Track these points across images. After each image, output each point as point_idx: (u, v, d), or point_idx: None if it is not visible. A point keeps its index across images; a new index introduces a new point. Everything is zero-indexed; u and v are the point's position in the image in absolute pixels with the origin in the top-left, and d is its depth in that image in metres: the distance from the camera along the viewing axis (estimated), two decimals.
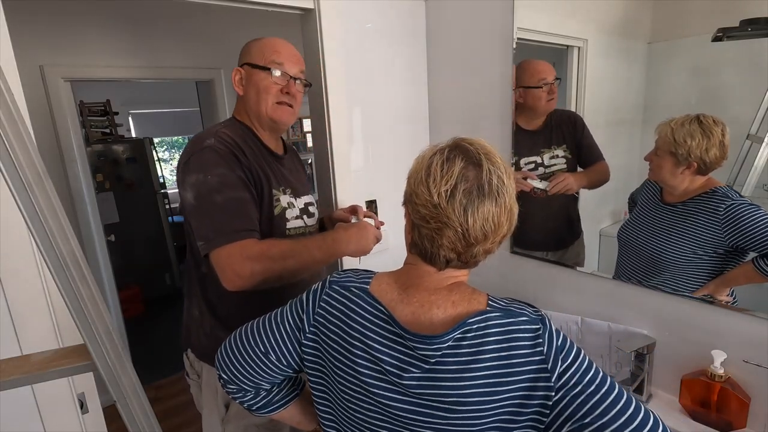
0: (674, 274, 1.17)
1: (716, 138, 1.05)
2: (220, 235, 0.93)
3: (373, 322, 0.65)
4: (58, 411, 1.07)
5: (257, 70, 1.08)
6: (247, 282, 0.93)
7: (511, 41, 1.44)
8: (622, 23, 1.29)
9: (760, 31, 0.99)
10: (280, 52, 1.09)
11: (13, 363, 0.54)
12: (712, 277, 1.12)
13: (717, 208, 1.09)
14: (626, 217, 1.32)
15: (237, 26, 2.94)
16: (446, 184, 0.59)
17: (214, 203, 0.95)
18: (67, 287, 0.49)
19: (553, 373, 0.58)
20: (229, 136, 1.03)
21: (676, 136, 1.09)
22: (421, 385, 0.61)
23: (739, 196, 1.07)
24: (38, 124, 2.24)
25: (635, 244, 1.26)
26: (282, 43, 1.12)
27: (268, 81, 1.08)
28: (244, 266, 0.92)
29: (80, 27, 2.40)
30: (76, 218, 2.49)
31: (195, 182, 0.96)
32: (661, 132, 1.13)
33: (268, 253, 0.94)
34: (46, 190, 0.47)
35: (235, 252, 0.92)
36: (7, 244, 0.95)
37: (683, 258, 1.15)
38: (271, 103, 1.09)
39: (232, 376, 0.76)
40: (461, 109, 1.68)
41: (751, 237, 1.04)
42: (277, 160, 1.15)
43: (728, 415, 1.04)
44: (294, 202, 1.15)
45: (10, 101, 0.44)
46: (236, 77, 1.11)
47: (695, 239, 1.13)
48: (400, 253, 0.72)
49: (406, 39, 1.67)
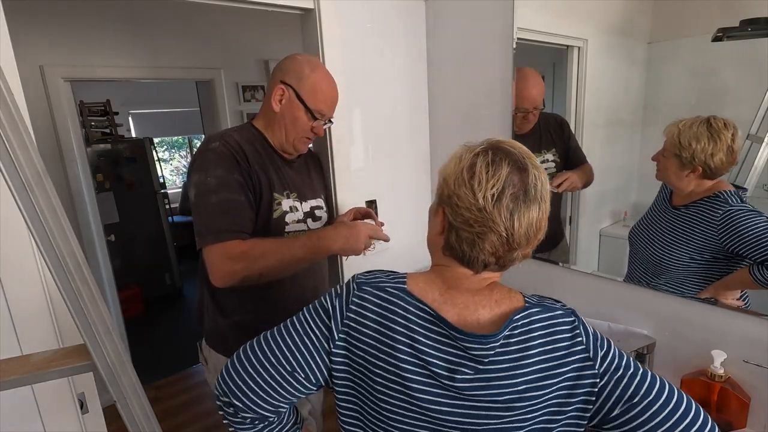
0: (674, 277, 1.16)
1: (724, 143, 1.02)
2: (209, 233, 1.00)
3: (419, 324, 0.62)
4: (58, 411, 1.07)
5: (302, 107, 1.12)
6: (227, 280, 1.00)
7: (511, 41, 1.44)
8: (622, 23, 1.29)
9: (760, 31, 0.99)
10: (326, 101, 1.15)
11: (13, 363, 0.54)
12: (711, 281, 1.11)
13: (715, 213, 1.07)
14: (627, 217, 1.32)
15: (237, 26, 2.94)
16: (493, 187, 0.57)
17: (208, 203, 1.01)
18: (67, 287, 0.49)
19: (595, 361, 0.61)
20: (235, 140, 1.08)
21: (682, 139, 1.06)
22: (474, 387, 0.60)
23: (740, 201, 1.05)
24: (38, 124, 2.24)
25: (639, 245, 1.25)
26: (333, 89, 1.18)
27: (306, 122, 1.14)
28: (224, 265, 0.99)
29: (80, 27, 2.40)
30: (76, 218, 2.49)
31: (196, 181, 1.03)
32: (668, 133, 1.10)
33: (249, 253, 1.00)
34: (46, 190, 0.47)
35: (218, 252, 1.00)
36: (7, 244, 0.95)
37: (681, 262, 1.14)
38: (300, 137, 1.15)
39: (250, 403, 0.66)
40: (461, 109, 1.68)
41: (746, 243, 1.02)
42: (286, 164, 1.19)
43: (728, 415, 1.04)
44: (298, 205, 1.18)
45: (10, 101, 0.44)
46: (277, 93, 1.12)
47: (694, 244, 1.12)
48: (399, 253, 0.72)
49: (406, 39, 1.67)
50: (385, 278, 0.67)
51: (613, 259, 1.34)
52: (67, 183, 2.44)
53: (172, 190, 6.12)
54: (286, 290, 1.17)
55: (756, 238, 1.01)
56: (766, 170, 1.04)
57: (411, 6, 1.66)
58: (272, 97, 1.12)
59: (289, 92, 1.12)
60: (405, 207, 1.77)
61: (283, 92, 1.12)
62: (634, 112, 1.30)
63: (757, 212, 1.03)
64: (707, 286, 1.12)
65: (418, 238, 1.88)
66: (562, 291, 1.45)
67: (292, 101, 1.12)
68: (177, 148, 7.09)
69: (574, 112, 1.39)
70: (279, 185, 1.14)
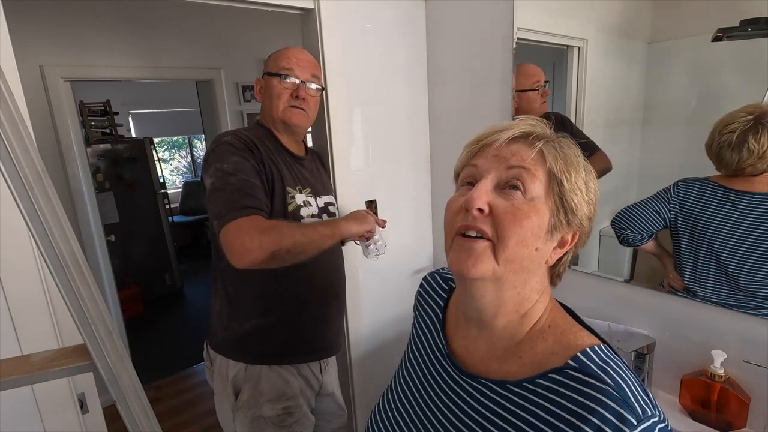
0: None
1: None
2: (231, 210, 0.96)
3: None
4: (58, 411, 1.07)
5: (271, 77, 1.16)
6: (256, 255, 0.92)
7: (511, 41, 1.44)
8: (622, 23, 1.29)
9: (760, 31, 0.98)
10: (290, 59, 1.17)
11: (13, 363, 0.54)
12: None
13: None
14: None
15: (237, 26, 2.94)
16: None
17: (228, 183, 1.00)
18: (67, 287, 0.49)
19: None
20: (245, 135, 1.11)
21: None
22: None
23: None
24: (38, 124, 2.24)
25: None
26: (294, 50, 1.20)
27: (279, 87, 1.16)
28: (253, 238, 0.92)
29: (80, 27, 2.40)
30: (76, 218, 2.49)
31: (212, 171, 1.02)
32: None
33: (277, 226, 0.97)
34: (46, 190, 0.47)
35: (244, 225, 0.94)
36: (7, 244, 0.95)
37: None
38: (282, 107, 1.16)
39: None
40: (461, 108, 1.68)
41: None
42: (296, 161, 1.22)
43: (728, 415, 1.04)
44: (311, 201, 1.20)
45: (10, 101, 0.44)
46: (257, 87, 1.21)
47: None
48: (399, 253, 0.72)
49: (406, 39, 1.67)
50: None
51: (613, 259, 1.34)
52: (67, 183, 2.44)
53: (172, 190, 6.13)
54: (306, 286, 1.18)
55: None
56: None
57: (411, 6, 1.66)
58: (256, 93, 1.22)
59: (264, 79, 1.20)
60: (405, 207, 1.77)
61: (259, 83, 1.21)
62: (634, 111, 1.29)
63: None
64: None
65: (417, 238, 1.89)
66: (562, 291, 1.44)
67: (266, 82, 1.19)
68: (177, 148, 7.09)
69: (574, 112, 1.39)
70: (291, 180, 1.15)
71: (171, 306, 4.07)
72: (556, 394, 0.48)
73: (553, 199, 0.51)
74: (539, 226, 0.50)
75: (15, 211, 0.48)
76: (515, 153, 0.52)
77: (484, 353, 0.57)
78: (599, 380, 0.46)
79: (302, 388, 1.20)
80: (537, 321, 0.55)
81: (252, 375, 1.13)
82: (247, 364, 1.13)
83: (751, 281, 1.04)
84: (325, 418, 1.35)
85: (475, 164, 0.54)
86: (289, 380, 1.16)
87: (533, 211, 0.50)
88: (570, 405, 0.46)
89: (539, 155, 0.52)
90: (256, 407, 1.12)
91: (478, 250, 0.50)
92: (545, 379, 0.49)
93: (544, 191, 0.51)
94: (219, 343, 1.17)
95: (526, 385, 0.50)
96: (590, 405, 0.45)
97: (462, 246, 0.51)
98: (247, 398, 1.13)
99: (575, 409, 0.46)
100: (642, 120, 1.27)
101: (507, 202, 0.50)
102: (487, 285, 0.52)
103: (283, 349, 1.16)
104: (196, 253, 5.44)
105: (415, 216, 1.80)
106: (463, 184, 0.56)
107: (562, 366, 0.49)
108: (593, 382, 0.46)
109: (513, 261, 0.50)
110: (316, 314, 1.22)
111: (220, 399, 1.20)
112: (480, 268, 0.49)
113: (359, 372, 1.70)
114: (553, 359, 0.51)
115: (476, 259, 0.50)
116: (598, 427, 0.44)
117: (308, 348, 1.22)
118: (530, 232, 0.49)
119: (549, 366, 0.50)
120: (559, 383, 0.48)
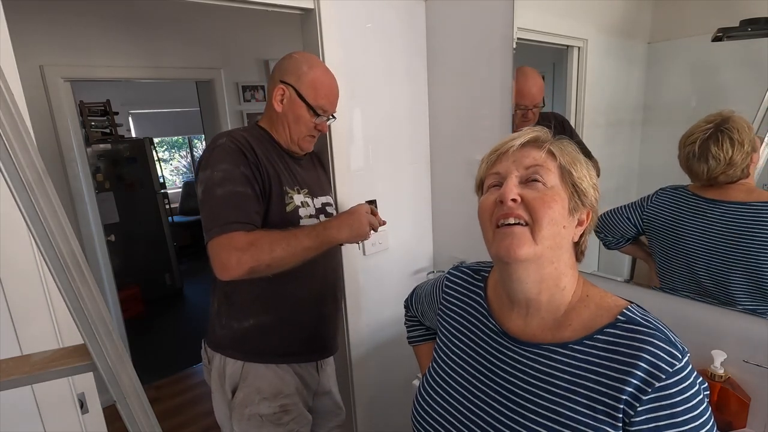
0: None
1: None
2: (214, 225, 0.98)
3: None
4: (58, 411, 1.07)
5: (304, 105, 1.13)
6: (234, 272, 0.97)
7: (511, 41, 1.44)
8: (622, 23, 1.29)
9: (760, 31, 0.98)
10: (329, 97, 1.16)
11: (13, 363, 0.54)
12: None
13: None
14: None
15: (237, 26, 2.95)
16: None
17: (214, 196, 1.00)
18: (67, 287, 0.49)
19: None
20: (242, 136, 1.09)
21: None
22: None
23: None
24: (38, 124, 2.24)
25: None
26: (334, 85, 1.19)
27: (309, 121, 1.15)
28: (230, 256, 0.96)
29: (80, 27, 2.40)
30: (76, 218, 2.49)
31: (203, 178, 1.03)
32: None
33: (256, 243, 0.98)
34: (46, 190, 0.47)
35: (223, 242, 0.97)
36: (7, 244, 0.95)
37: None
38: (304, 136, 1.16)
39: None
40: (461, 108, 1.68)
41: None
42: (294, 162, 1.21)
43: (728, 415, 1.04)
44: (309, 201, 1.19)
45: (10, 101, 0.44)
46: (278, 94, 1.14)
47: None
48: (400, 253, 0.72)
49: (406, 39, 1.67)
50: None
51: (614, 259, 1.34)
52: (67, 183, 2.44)
53: (172, 190, 6.13)
54: (305, 286, 1.18)
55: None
56: (766, 170, 1.04)
57: (411, 6, 1.66)
58: (273, 97, 1.13)
59: (290, 91, 1.13)
60: (405, 207, 1.77)
61: (283, 92, 1.13)
62: (634, 111, 1.29)
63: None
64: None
65: (418, 238, 1.89)
66: None
67: (293, 100, 1.13)
68: (177, 148, 7.10)
69: (574, 112, 1.39)
70: (289, 181, 1.14)
71: (171, 306, 4.07)
72: (614, 344, 0.58)
73: (568, 186, 0.62)
74: (563, 207, 0.61)
75: (15, 211, 0.48)
76: (528, 155, 0.63)
77: (536, 328, 0.65)
78: (648, 327, 0.57)
79: (299, 386, 1.20)
80: (574, 293, 0.65)
81: (249, 373, 1.13)
82: (245, 362, 1.13)
83: (714, 285, 1.06)
84: (322, 417, 1.35)
85: (498, 171, 0.65)
86: (285, 378, 1.17)
87: (557, 196, 0.61)
88: (627, 349, 0.56)
89: (549, 154, 0.63)
90: (253, 405, 1.13)
91: (519, 233, 0.59)
92: (602, 333, 0.60)
93: (560, 181, 0.62)
94: (217, 341, 1.17)
95: (585, 342, 0.60)
96: (644, 346, 0.56)
97: (504, 233, 0.60)
98: (244, 396, 1.13)
99: (632, 351, 0.56)
100: (642, 120, 1.27)
101: (534, 192, 0.60)
102: (530, 266, 0.61)
103: (281, 348, 1.16)
104: (196, 253, 5.45)
105: (415, 216, 1.80)
106: (489, 188, 0.66)
107: (614, 321, 0.60)
108: (643, 329, 0.57)
109: (548, 238, 0.59)
110: (315, 314, 1.22)
111: (217, 397, 1.21)
112: (524, 250, 0.59)
113: (359, 371, 1.70)
114: (600, 320, 0.61)
115: (519, 241, 0.59)
116: (652, 362, 0.54)
117: (306, 348, 1.22)
118: (558, 213, 0.60)
119: (599, 326, 0.60)
120: (614, 335, 0.59)
